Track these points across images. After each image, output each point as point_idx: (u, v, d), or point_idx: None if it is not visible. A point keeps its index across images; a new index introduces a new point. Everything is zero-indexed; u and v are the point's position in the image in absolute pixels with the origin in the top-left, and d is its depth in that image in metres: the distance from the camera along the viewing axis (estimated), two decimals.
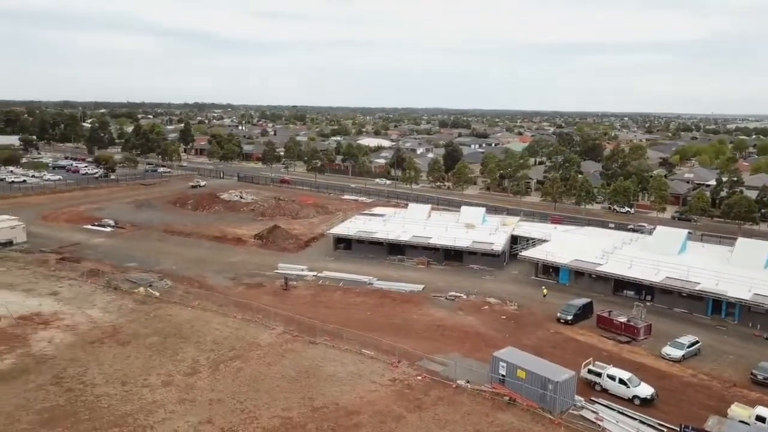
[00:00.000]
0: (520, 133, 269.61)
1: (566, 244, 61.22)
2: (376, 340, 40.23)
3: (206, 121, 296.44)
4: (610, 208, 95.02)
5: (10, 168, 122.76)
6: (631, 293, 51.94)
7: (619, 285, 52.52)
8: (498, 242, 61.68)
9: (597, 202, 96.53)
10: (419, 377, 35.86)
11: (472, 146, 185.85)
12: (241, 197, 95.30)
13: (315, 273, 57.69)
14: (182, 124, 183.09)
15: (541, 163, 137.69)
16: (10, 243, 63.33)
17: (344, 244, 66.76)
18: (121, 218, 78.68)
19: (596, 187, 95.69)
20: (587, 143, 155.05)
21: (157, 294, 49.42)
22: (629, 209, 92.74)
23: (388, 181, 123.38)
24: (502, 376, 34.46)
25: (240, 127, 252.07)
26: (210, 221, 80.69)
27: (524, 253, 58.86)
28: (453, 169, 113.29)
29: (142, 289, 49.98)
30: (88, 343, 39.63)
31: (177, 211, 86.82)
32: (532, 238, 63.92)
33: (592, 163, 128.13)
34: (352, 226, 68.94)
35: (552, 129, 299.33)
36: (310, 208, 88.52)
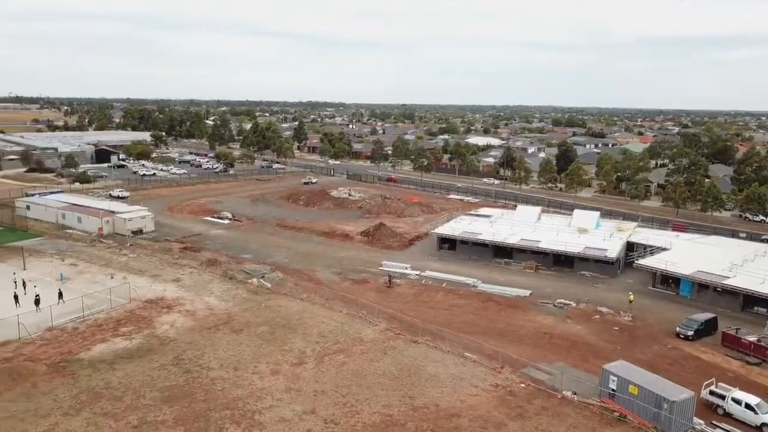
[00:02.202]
0: (640, 133, 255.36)
1: (689, 253, 57.09)
2: (478, 344, 39.60)
3: (319, 120, 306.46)
4: (741, 216, 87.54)
5: (143, 162, 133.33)
6: (763, 310, 47.52)
7: (749, 301, 48.18)
8: (612, 248, 58.67)
9: (726, 210, 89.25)
10: (523, 384, 34.87)
11: (587, 146, 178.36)
12: (349, 195, 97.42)
13: (418, 272, 57.75)
14: (296, 122, 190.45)
15: (662, 165, 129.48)
16: (140, 231, 68.68)
17: (448, 244, 66.28)
18: (238, 212, 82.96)
19: (725, 193, 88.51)
20: (716, 145, 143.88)
21: (269, 285, 51.58)
22: (764, 218, 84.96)
23: (496, 181, 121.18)
24: (612, 390, 32.70)
25: (350, 126, 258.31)
26: (320, 217, 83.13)
27: (641, 261, 55.48)
28: (566, 170, 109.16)
29: (255, 280, 52.37)
30: (205, 329, 42.09)
31: (289, 207, 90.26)
32: (651, 246, 60.17)
33: (721, 167, 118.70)
34: (457, 227, 68.32)
35: (677, 129, 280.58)
36: (415, 207, 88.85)
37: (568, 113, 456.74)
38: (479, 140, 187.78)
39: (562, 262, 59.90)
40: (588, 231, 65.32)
